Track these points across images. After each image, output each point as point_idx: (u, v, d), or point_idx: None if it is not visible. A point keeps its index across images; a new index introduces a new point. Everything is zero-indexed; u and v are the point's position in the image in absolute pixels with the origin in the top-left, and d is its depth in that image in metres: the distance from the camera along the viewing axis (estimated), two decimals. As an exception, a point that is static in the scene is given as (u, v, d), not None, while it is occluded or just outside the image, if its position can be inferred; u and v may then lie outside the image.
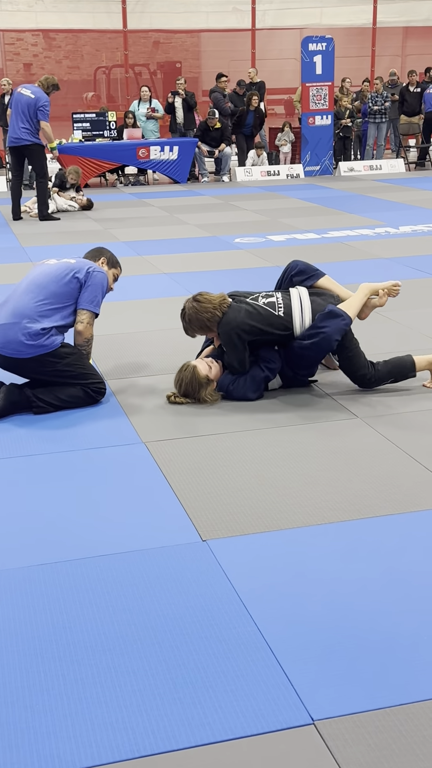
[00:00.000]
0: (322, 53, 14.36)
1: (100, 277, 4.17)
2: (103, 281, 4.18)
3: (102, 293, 4.20)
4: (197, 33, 20.48)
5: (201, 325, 4.18)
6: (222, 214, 10.82)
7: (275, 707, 2.08)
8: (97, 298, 4.16)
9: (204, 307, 4.11)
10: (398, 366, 4.21)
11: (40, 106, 10.06)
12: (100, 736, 1.99)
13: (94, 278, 4.14)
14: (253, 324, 4.05)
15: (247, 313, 4.08)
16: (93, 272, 4.16)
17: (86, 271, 4.15)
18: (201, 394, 4.10)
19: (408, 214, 10.17)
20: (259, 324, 4.05)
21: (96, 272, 4.17)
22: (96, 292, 4.15)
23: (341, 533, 2.91)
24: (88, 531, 2.96)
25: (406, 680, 2.16)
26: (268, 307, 4.11)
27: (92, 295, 4.14)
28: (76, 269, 4.16)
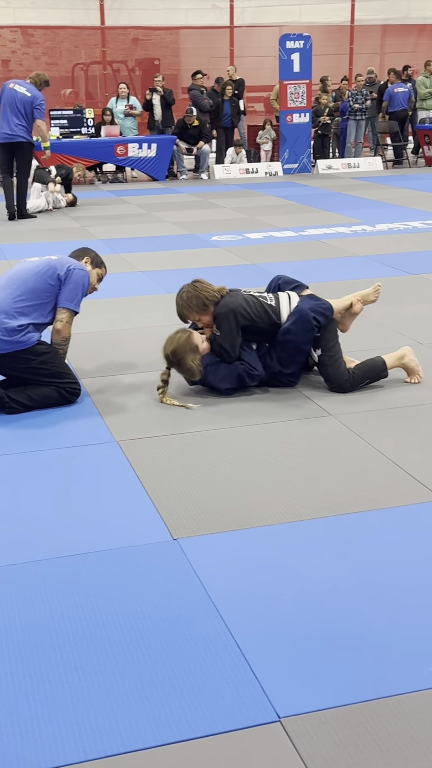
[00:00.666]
0: (300, 51, 14.38)
1: (81, 275, 4.14)
2: (83, 279, 4.14)
3: (82, 292, 4.15)
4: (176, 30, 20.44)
5: (199, 303, 4.15)
6: (200, 211, 10.82)
7: (242, 705, 2.08)
8: (78, 296, 4.12)
9: (204, 287, 4.21)
10: (372, 368, 4.26)
11: (37, 104, 9.99)
12: (65, 736, 1.99)
13: (74, 276, 4.10)
14: (249, 310, 4.14)
15: (243, 299, 4.19)
16: (73, 270, 4.12)
17: (66, 268, 4.11)
18: (188, 359, 4.10)
19: (385, 212, 10.21)
20: (253, 311, 4.15)
21: (76, 270, 4.13)
22: (76, 290, 4.11)
23: (312, 531, 2.92)
24: (59, 530, 2.96)
25: (372, 677, 2.17)
26: (262, 299, 4.24)
27: (72, 294, 4.10)
28: (56, 267, 4.12)
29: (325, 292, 6.26)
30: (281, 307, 4.22)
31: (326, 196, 12.06)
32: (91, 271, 4.29)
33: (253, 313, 4.13)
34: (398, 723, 2.01)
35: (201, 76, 14.88)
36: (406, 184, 13.13)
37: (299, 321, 4.10)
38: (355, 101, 15.38)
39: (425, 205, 10.67)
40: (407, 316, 5.60)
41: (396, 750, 1.93)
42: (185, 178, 14.63)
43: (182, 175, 14.62)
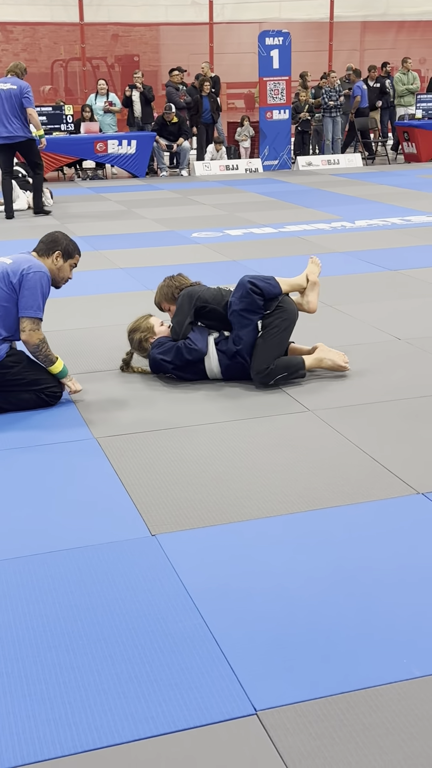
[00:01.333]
0: (279, 47, 14.39)
1: (37, 277, 3.94)
2: (40, 281, 3.94)
3: (42, 295, 3.97)
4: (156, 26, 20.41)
5: (169, 293, 4.48)
6: (180, 208, 10.81)
7: (219, 699, 2.09)
8: (37, 301, 3.94)
9: (179, 279, 4.53)
10: (290, 364, 4.29)
11: (25, 94, 9.93)
12: (42, 732, 1.99)
13: (28, 281, 3.91)
14: (205, 294, 4.35)
15: (206, 288, 4.44)
16: (27, 274, 3.92)
17: (20, 274, 3.92)
18: (135, 336, 4.45)
19: (364, 209, 10.25)
20: (210, 296, 4.35)
21: (31, 273, 3.93)
22: (34, 296, 3.92)
23: (290, 526, 2.94)
24: (37, 527, 2.95)
25: (348, 669, 2.19)
26: (222, 288, 4.44)
27: (29, 300, 3.93)
28: (9, 273, 3.95)
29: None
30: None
31: (306, 192, 12.08)
32: (63, 265, 4.12)
33: (208, 297, 4.33)
34: (374, 715, 2.03)
35: (178, 72, 14.87)
36: (385, 180, 13.18)
37: (237, 288, 4.29)
38: (330, 98, 15.40)
39: (404, 202, 10.72)
40: (385, 312, 5.63)
41: (371, 742, 1.95)
42: (165, 174, 14.61)
43: (162, 171, 14.61)
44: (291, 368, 4.27)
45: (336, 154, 15.67)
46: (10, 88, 9.91)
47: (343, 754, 1.91)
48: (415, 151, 15.45)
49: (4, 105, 9.87)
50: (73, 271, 4.24)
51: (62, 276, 4.17)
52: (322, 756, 1.91)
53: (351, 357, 4.62)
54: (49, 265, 4.09)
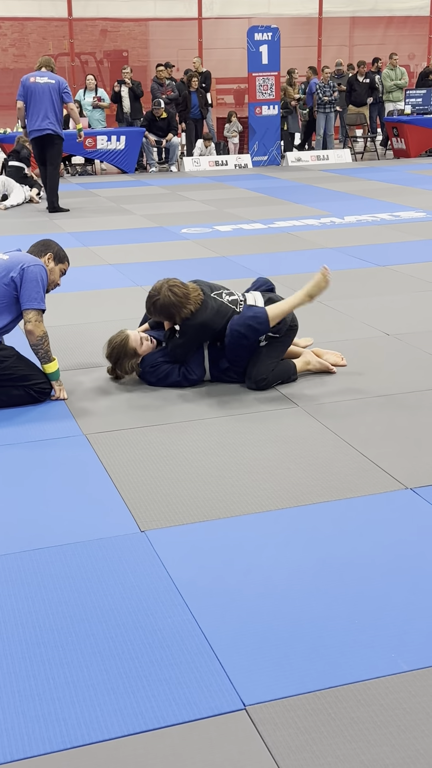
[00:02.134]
0: (268, 43, 14.38)
1: (36, 271, 4.01)
2: (40, 274, 4.02)
3: (42, 287, 4.04)
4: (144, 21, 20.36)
5: (170, 314, 4.09)
6: (169, 204, 10.80)
7: (207, 694, 2.10)
8: (39, 293, 4.01)
9: (181, 301, 4.04)
10: (285, 371, 4.24)
11: (64, 89, 9.89)
12: (31, 728, 1.99)
13: (29, 274, 3.97)
14: (217, 322, 4.10)
15: (216, 312, 4.10)
16: (27, 268, 3.99)
17: (20, 268, 3.98)
18: (125, 364, 4.22)
19: (353, 205, 10.26)
20: (221, 321, 4.11)
21: (30, 267, 3.99)
22: (35, 287, 3.99)
23: (278, 521, 2.94)
24: (26, 524, 2.95)
25: (335, 664, 2.20)
26: (231, 304, 4.18)
27: (32, 292, 3.98)
28: (8, 267, 3.99)
29: (294, 283, 6.30)
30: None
31: (295, 188, 12.09)
32: (53, 267, 4.17)
33: (220, 324, 4.09)
34: (361, 709, 2.04)
35: (164, 68, 14.87)
36: (374, 176, 13.20)
37: (228, 336, 4.07)
38: (324, 93, 15.42)
39: (393, 197, 10.73)
40: (374, 307, 5.64)
41: (359, 735, 1.96)
42: (154, 170, 14.59)
43: (151, 167, 14.58)
44: (284, 375, 4.23)
45: (325, 150, 15.68)
46: (47, 82, 9.81)
47: (331, 748, 1.92)
48: (404, 147, 15.47)
49: (43, 98, 9.73)
50: (61, 279, 4.30)
51: (52, 279, 4.19)
52: (310, 750, 1.92)
53: (340, 352, 4.63)
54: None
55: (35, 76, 9.87)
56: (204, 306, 4.09)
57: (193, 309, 4.07)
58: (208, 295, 4.17)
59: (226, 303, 4.17)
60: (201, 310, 4.08)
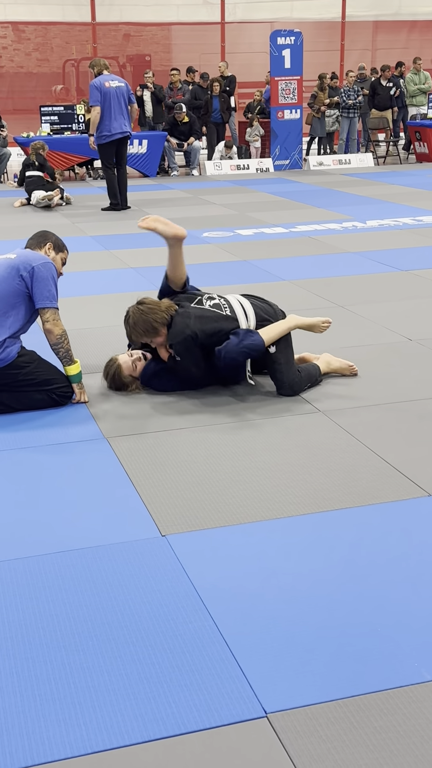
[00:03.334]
0: (291, 47, 14.36)
1: (47, 268, 3.99)
2: (50, 272, 4.00)
3: (54, 284, 4.03)
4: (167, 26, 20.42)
5: (147, 328, 4.04)
6: (191, 208, 10.81)
7: (229, 701, 2.09)
8: (51, 291, 4.00)
9: (151, 308, 4.04)
10: (311, 373, 4.24)
11: (130, 90, 10.31)
12: (52, 732, 1.99)
13: (39, 272, 3.96)
14: (205, 329, 4.01)
15: (197, 319, 4.03)
16: (37, 266, 3.96)
17: (30, 266, 3.96)
18: (127, 389, 4.25)
19: (375, 209, 10.22)
20: (211, 327, 4.02)
21: (40, 265, 3.98)
22: (48, 285, 3.98)
23: (300, 527, 2.93)
24: (47, 527, 2.95)
25: (358, 673, 2.18)
26: (214, 308, 4.11)
27: (45, 291, 3.97)
28: (18, 267, 3.98)
29: (316, 287, 6.28)
30: (236, 312, 4.10)
31: (317, 192, 12.06)
32: (54, 257, 4.17)
33: (210, 331, 4.01)
34: (385, 718, 2.02)
35: (176, 72, 15.13)
36: (397, 180, 13.14)
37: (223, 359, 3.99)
38: (348, 97, 15.39)
39: (416, 202, 10.68)
40: (397, 312, 5.61)
41: (383, 745, 1.94)
42: (176, 174, 14.61)
43: (173, 171, 14.61)
44: (313, 377, 4.22)
45: (348, 154, 15.64)
46: (118, 85, 10.16)
47: (354, 758, 1.90)
48: (426, 151, 15.40)
49: (120, 102, 10.10)
50: (63, 269, 4.28)
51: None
52: (332, 759, 1.90)
53: (362, 357, 4.61)
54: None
55: (108, 81, 10.17)
56: (184, 315, 4.03)
57: (166, 315, 4.03)
58: (185, 306, 4.11)
59: (209, 308, 4.10)
60: (176, 320, 4.02)
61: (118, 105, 10.09)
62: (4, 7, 18.23)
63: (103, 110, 10.03)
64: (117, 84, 10.17)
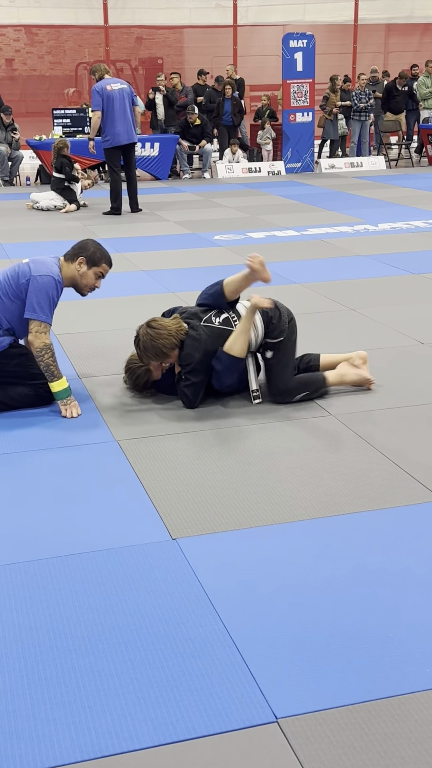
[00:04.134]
0: (303, 50, 14.35)
1: (44, 281, 3.94)
2: (47, 285, 3.94)
3: (48, 299, 3.94)
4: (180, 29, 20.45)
5: (157, 352, 3.99)
6: (202, 211, 10.81)
7: (239, 706, 2.08)
8: (41, 304, 3.93)
9: (159, 333, 3.96)
10: (310, 382, 4.12)
11: (133, 93, 10.25)
12: (62, 736, 1.98)
13: (35, 284, 3.93)
14: (216, 348, 3.98)
15: (207, 339, 3.98)
16: (36, 277, 3.94)
17: (30, 276, 3.96)
18: (141, 392, 4.26)
19: (387, 212, 10.20)
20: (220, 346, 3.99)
21: (39, 277, 3.95)
22: (38, 297, 3.92)
23: (311, 531, 2.91)
24: (59, 530, 2.95)
25: (370, 678, 2.16)
26: (224, 325, 4.05)
27: (34, 302, 3.93)
28: (21, 274, 3.99)
29: (327, 291, 6.27)
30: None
31: (329, 195, 12.04)
32: (86, 272, 4.09)
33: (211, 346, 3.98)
34: (396, 724, 2.00)
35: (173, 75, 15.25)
36: (409, 183, 13.11)
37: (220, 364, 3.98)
38: (360, 100, 15.37)
39: (428, 205, 10.65)
40: (409, 315, 5.59)
41: (394, 751, 1.92)
42: (188, 177, 14.62)
43: (185, 174, 14.62)
44: (311, 386, 4.11)
45: (359, 157, 15.62)
46: (122, 88, 10.06)
47: (365, 764, 1.89)
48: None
49: (124, 104, 10.00)
50: (101, 281, 4.19)
51: (85, 283, 4.13)
52: (344, 765, 1.89)
53: (373, 361, 4.59)
54: (72, 270, 4.09)
55: (110, 84, 10.07)
56: (195, 338, 3.98)
57: (176, 339, 3.97)
58: (197, 325, 4.04)
59: (217, 325, 4.05)
60: (187, 342, 3.98)
61: (122, 107, 9.97)
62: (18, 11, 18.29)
63: (107, 113, 9.95)
64: (120, 86, 10.06)
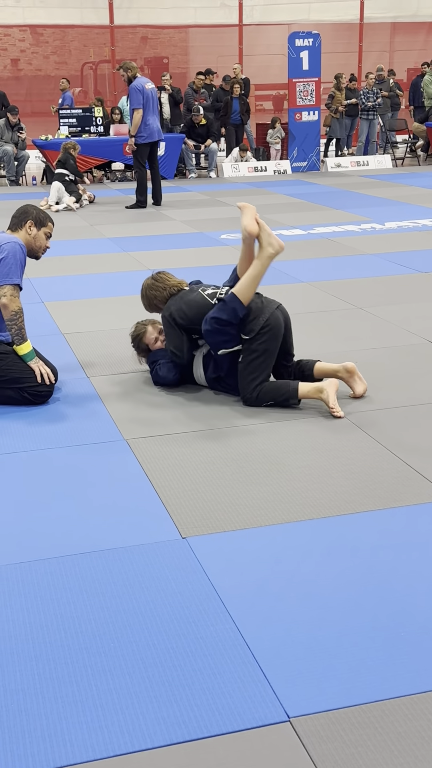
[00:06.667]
0: (309, 49, 14.34)
1: (9, 247, 4.04)
2: (13, 252, 4.04)
3: (17, 264, 4.05)
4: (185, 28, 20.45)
5: (148, 302, 4.33)
6: (208, 209, 10.81)
7: (251, 705, 2.07)
8: (14, 269, 4.03)
9: (156, 285, 4.27)
10: (279, 390, 3.99)
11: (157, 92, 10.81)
12: (74, 735, 1.98)
13: (3, 252, 4.02)
14: (188, 313, 4.08)
15: (189, 301, 4.12)
16: (2, 246, 4.03)
17: None
18: (138, 354, 4.49)
19: (394, 210, 10.18)
20: (193, 313, 4.07)
21: (4, 244, 4.04)
22: (8, 264, 4.01)
23: (321, 530, 2.91)
24: (68, 528, 2.95)
25: (382, 677, 2.16)
26: (208, 297, 4.11)
27: (6, 269, 4.02)
28: None
29: (334, 289, 6.26)
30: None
31: (335, 194, 12.02)
32: (37, 233, 4.20)
33: (192, 315, 4.05)
34: (409, 723, 2.00)
35: (203, 76, 15.35)
36: (415, 181, 13.08)
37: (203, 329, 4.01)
38: (368, 99, 15.36)
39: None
40: (416, 314, 5.57)
41: (407, 750, 1.92)
42: (194, 176, 14.62)
43: (191, 173, 14.61)
44: (279, 396, 3.97)
45: (366, 156, 15.59)
46: (152, 87, 10.55)
47: (378, 763, 1.88)
48: (445, 153, 15.32)
49: (156, 103, 10.55)
50: (50, 241, 4.31)
51: (39, 245, 4.24)
52: (356, 764, 1.88)
53: (381, 359, 4.58)
54: (23, 236, 4.20)
55: (146, 83, 10.51)
56: (177, 298, 4.18)
57: (167, 294, 4.22)
58: (193, 289, 4.22)
59: (204, 296, 4.12)
60: (172, 299, 4.19)
61: (155, 106, 10.48)
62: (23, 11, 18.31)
63: (144, 111, 10.35)
64: (152, 86, 10.53)
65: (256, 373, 3.97)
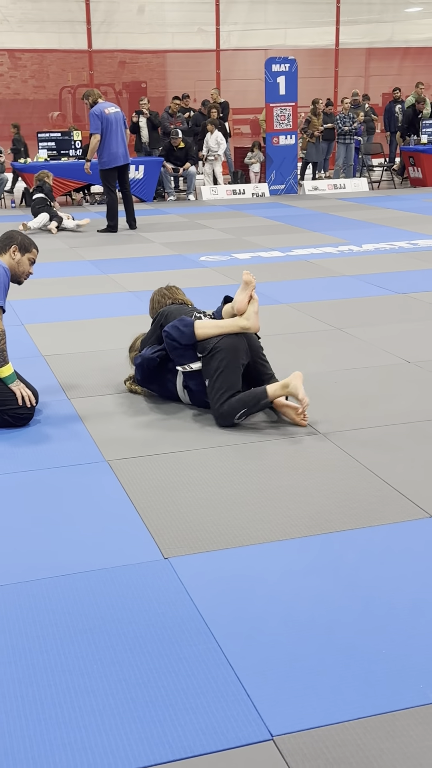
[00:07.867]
0: (286, 74, 14.53)
1: None
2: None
3: (2, 285, 4.08)
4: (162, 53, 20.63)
5: (152, 307, 4.69)
6: (188, 232, 10.88)
7: (235, 724, 2.08)
8: None
9: (165, 293, 4.67)
10: (251, 397, 4.02)
11: (124, 117, 10.78)
12: (57, 756, 1.98)
13: None
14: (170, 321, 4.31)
15: (178, 315, 4.33)
16: None
17: None
18: (129, 355, 4.80)
19: (371, 233, 10.29)
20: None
21: None
22: None
23: (302, 549, 2.93)
24: (50, 550, 2.95)
25: (364, 694, 2.17)
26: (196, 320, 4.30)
27: None
28: None
29: (313, 310, 6.31)
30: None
31: (313, 216, 12.14)
32: (21, 259, 4.22)
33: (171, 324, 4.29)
34: (391, 740, 2.01)
35: (179, 100, 15.66)
36: (391, 204, 13.24)
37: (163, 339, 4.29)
38: (344, 124, 15.57)
39: (411, 226, 10.76)
40: (394, 334, 5.64)
41: (389, 767, 1.93)
42: (173, 199, 14.71)
43: (170, 196, 14.71)
44: (249, 402, 4.00)
45: (343, 179, 15.77)
46: (116, 111, 10.55)
47: (360, 780, 1.89)
48: (420, 176, 15.54)
49: (119, 128, 10.49)
50: (33, 267, 4.35)
51: (22, 270, 4.25)
52: (339, 782, 1.89)
53: (361, 379, 4.63)
54: (7, 260, 4.22)
55: (107, 108, 10.51)
56: (177, 307, 4.44)
57: (170, 304, 4.55)
58: (192, 309, 4.48)
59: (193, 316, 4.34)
60: (171, 307, 4.46)
61: (116, 131, 10.41)
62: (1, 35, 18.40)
63: (105, 136, 10.37)
64: (115, 110, 10.52)
65: (223, 389, 4.04)
